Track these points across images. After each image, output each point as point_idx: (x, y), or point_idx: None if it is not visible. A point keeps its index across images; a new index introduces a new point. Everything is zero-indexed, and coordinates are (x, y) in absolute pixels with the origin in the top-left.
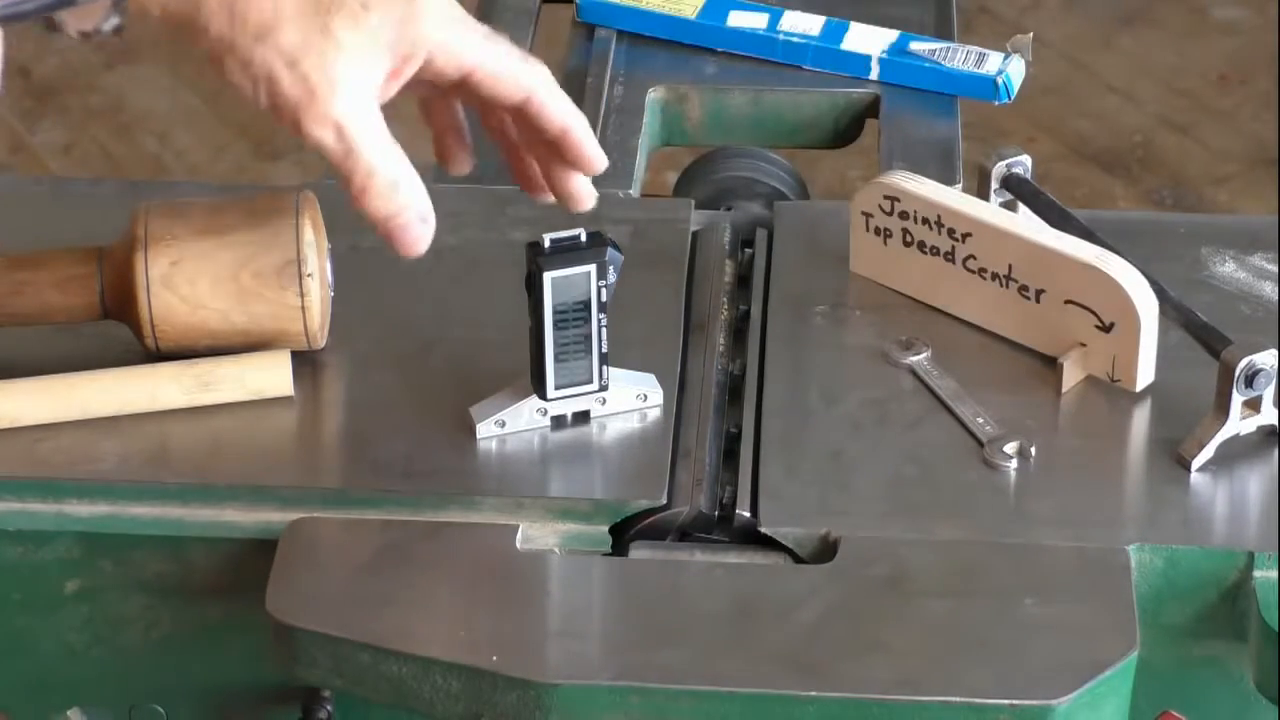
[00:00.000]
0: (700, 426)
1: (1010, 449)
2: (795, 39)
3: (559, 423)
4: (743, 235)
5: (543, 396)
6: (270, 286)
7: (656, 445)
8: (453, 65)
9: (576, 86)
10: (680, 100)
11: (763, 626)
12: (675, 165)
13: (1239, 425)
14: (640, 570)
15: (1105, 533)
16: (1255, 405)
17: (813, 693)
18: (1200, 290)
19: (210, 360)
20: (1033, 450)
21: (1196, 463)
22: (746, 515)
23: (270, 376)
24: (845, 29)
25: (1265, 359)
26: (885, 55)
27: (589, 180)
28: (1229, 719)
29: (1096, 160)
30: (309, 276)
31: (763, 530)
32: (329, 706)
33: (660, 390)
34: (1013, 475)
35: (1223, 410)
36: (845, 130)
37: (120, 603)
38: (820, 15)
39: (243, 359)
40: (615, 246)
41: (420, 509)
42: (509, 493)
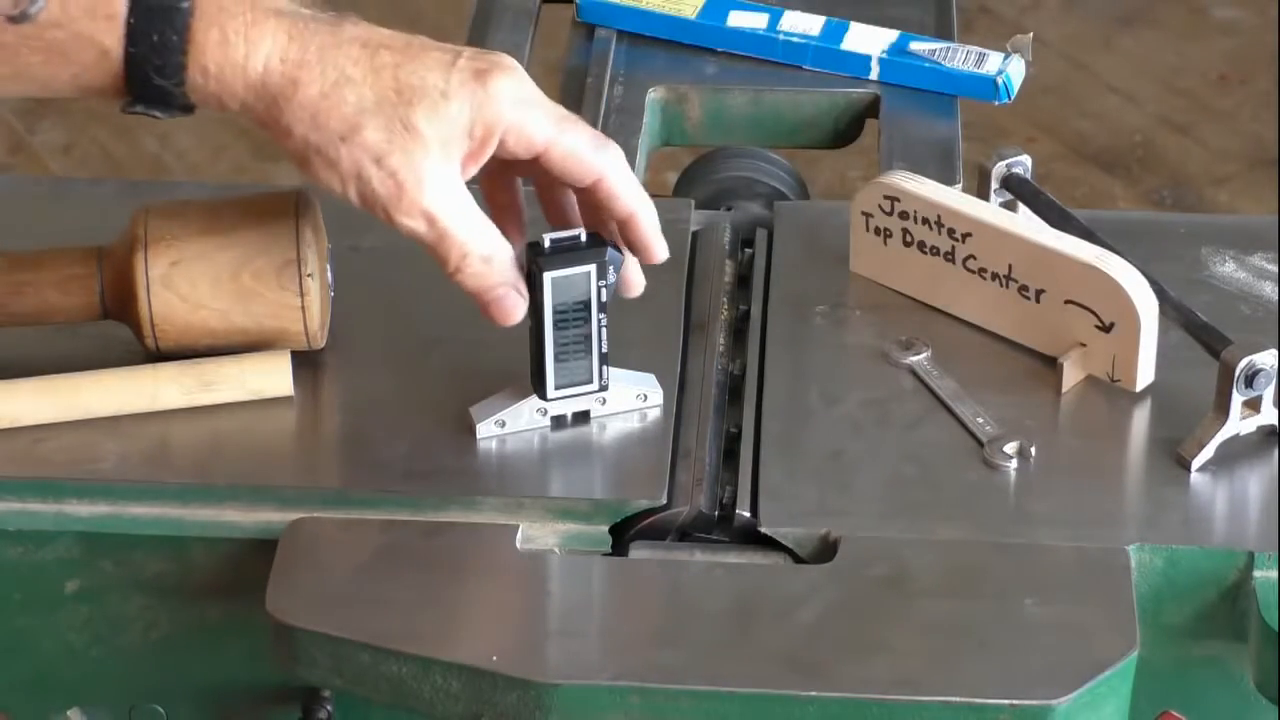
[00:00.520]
0: (700, 426)
1: (1010, 449)
2: (795, 39)
3: (559, 423)
4: (743, 235)
5: (543, 396)
6: (270, 286)
7: (656, 445)
8: (524, 146)
9: (576, 86)
10: (680, 100)
11: (763, 626)
12: (675, 165)
13: (1239, 425)
14: (640, 570)
15: (1105, 533)
16: (1255, 405)
17: (813, 693)
18: (1200, 290)
19: (210, 360)
20: (1033, 450)
21: (1196, 463)
22: (746, 515)
23: (270, 376)
24: (845, 29)
25: (1265, 359)
26: (885, 55)
27: (640, 268)
28: (1229, 719)
29: (1096, 160)
30: (309, 276)
31: (763, 530)
32: (329, 706)
33: (660, 390)
34: (1013, 475)
35: (1223, 410)
36: (845, 130)
37: (120, 603)
38: (820, 15)
39: (243, 359)
40: (615, 246)
41: (420, 509)
42: (509, 493)
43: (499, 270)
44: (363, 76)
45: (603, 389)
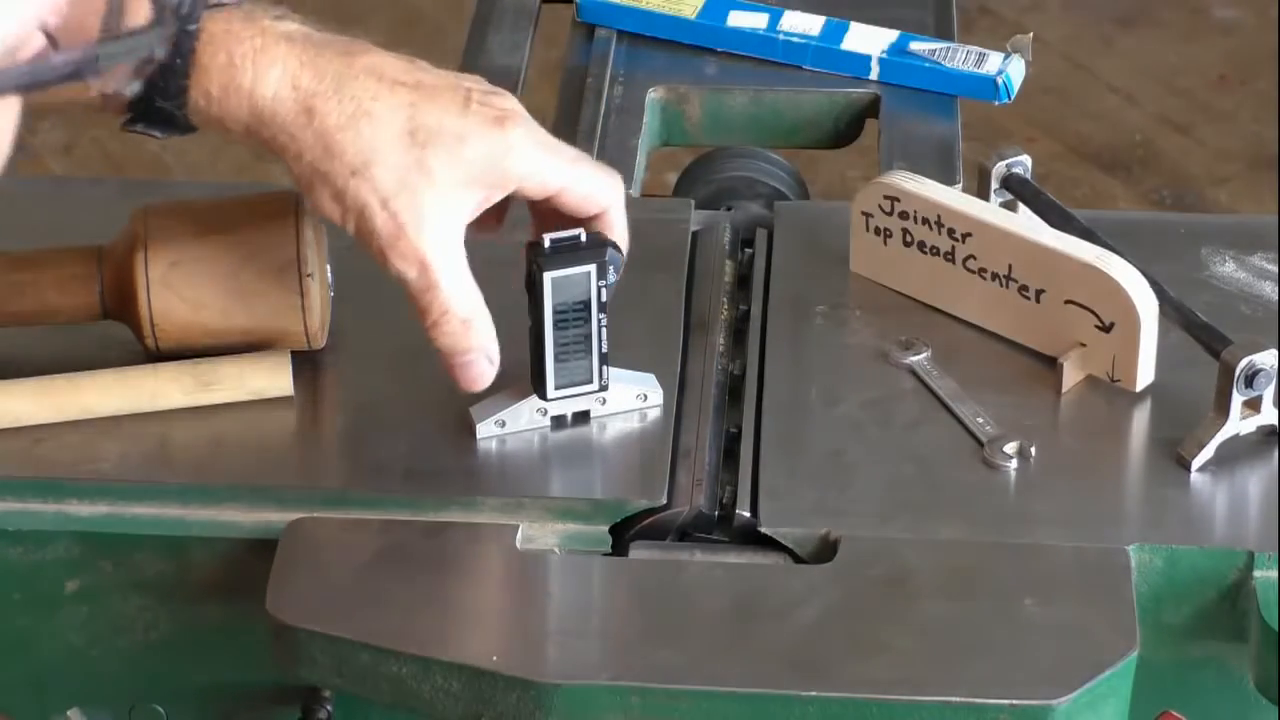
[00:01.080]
0: (700, 426)
1: (1010, 449)
2: (795, 39)
3: (559, 423)
4: (743, 235)
5: (543, 396)
6: (270, 286)
7: (656, 445)
8: (539, 191)
9: (576, 86)
10: (680, 100)
11: (763, 626)
12: (675, 165)
13: (1239, 425)
14: (640, 570)
15: (1105, 533)
16: (1255, 405)
17: (813, 693)
18: (1200, 290)
19: (210, 360)
20: (1033, 450)
21: (1196, 463)
22: (746, 515)
23: (270, 376)
24: (845, 29)
25: (1265, 359)
26: (885, 55)
27: None
28: (1229, 719)
29: (1096, 160)
30: (309, 276)
31: (763, 530)
32: (329, 706)
33: (660, 390)
34: (1013, 475)
35: (1223, 410)
36: (845, 130)
37: (120, 603)
38: (820, 15)
39: (243, 359)
40: (615, 247)
41: (420, 509)
42: (509, 493)
43: (475, 335)
44: (380, 113)
45: (603, 389)
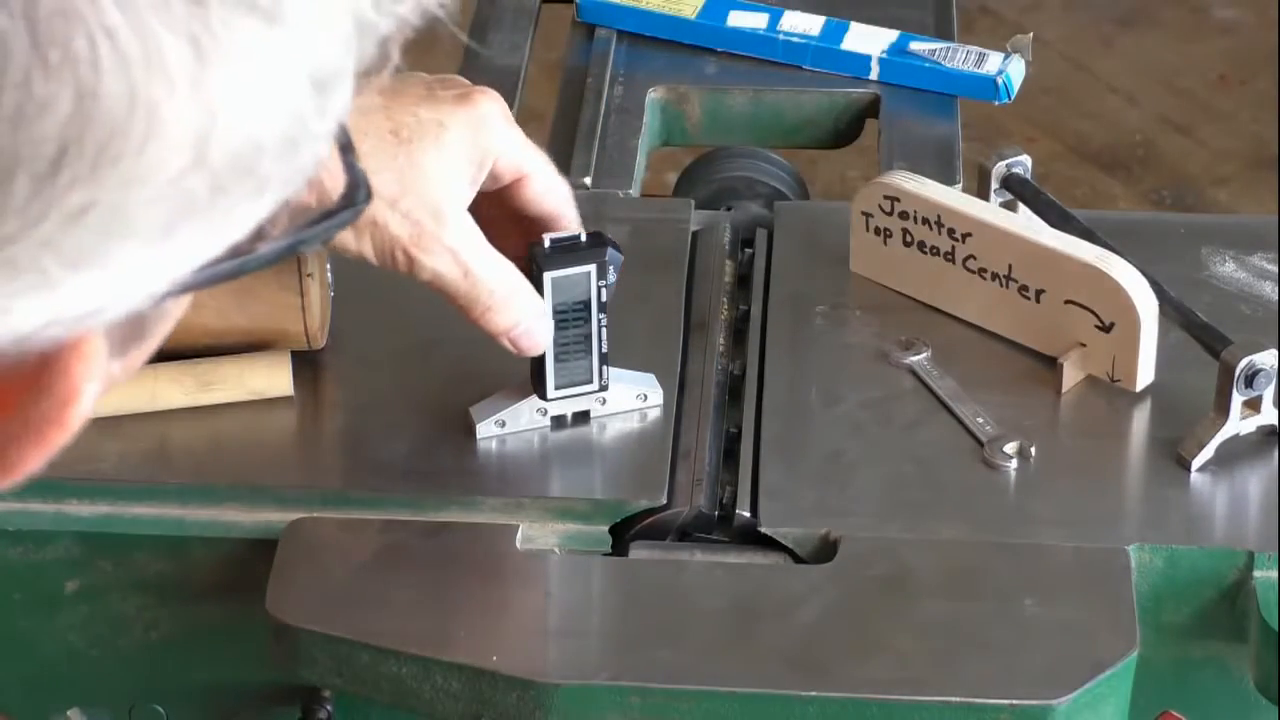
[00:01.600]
0: (700, 426)
1: (1010, 449)
2: (795, 39)
3: (559, 423)
4: (743, 235)
5: (543, 396)
6: (270, 286)
7: (656, 445)
8: (510, 169)
9: (576, 86)
10: (680, 100)
11: (763, 626)
12: (675, 165)
13: (1239, 425)
14: (640, 570)
15: (1105, 533)
16: (1255, 405)
17: (813, 693)
18: (1200, 290)
19: (210, 360)
20: (1033, 450)
21: (1196, 463)
22: (746, 515)
23: (270, 376)
24: (845, 29)
25: (1265, 359)
26: (885, 55)
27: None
28: (1229, 719)
29: (1096, 160)
30: (309, 276)
31: (763, 530)
32: (329, 706)
33: (660, 390)
34: (1013, 475)
35: (1223, 410)
36: (845, 130)
37: (120, 603)
38: (820, 15)
39: (243, 359)
40: (615, 246)
41: (420, 509)
42: (509, 493)
43: (522, 305)
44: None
45: (603, 389)
